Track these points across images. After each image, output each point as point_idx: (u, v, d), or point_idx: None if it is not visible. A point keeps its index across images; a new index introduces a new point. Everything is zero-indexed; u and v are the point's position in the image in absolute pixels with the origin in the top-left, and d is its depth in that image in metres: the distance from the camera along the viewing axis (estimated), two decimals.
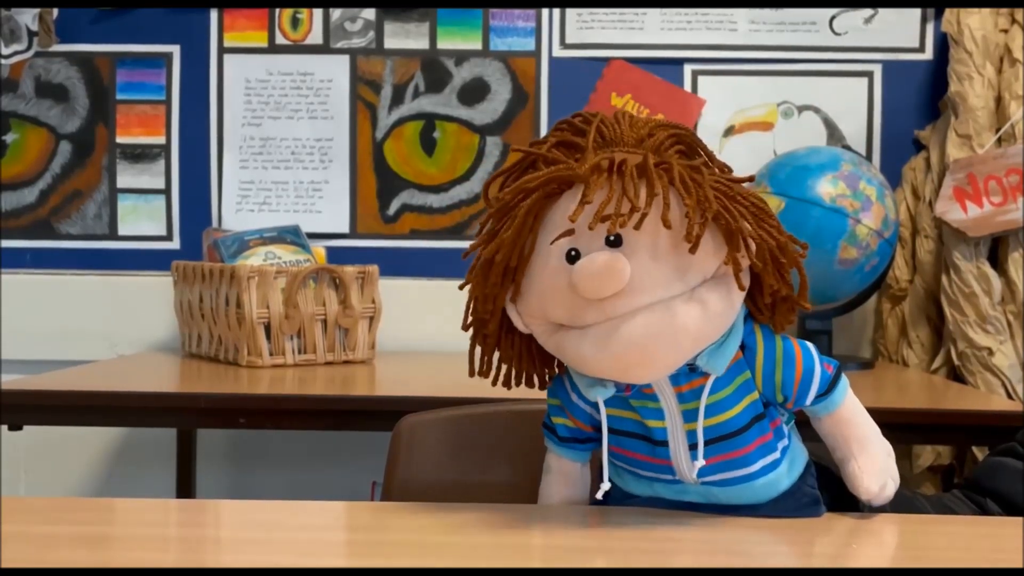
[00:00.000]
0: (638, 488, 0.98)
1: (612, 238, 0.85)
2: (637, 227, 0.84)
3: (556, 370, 0.99)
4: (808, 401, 0.94)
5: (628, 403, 0.93)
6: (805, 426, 1.00)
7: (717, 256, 0.87)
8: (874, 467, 0.96)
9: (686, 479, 0.94)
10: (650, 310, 0.85)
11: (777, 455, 0.94)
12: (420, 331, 2.12)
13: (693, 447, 0.92)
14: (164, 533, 0.93)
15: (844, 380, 0.96)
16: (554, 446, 1.02)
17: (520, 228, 0.87)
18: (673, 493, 0.96)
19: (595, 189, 0.85)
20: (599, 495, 0.94)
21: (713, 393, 0.90)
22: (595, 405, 0.95)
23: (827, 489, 0.99)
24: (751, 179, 0.95)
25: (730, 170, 0.93)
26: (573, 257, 0.86)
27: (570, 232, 0.86)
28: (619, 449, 0.96)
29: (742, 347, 0.92)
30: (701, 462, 0.91)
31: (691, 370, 0.90)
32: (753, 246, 0.88)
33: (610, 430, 0.95)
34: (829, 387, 0.95)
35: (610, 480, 1.00)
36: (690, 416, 0.91)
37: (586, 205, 0.85)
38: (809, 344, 0.95)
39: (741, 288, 0.88)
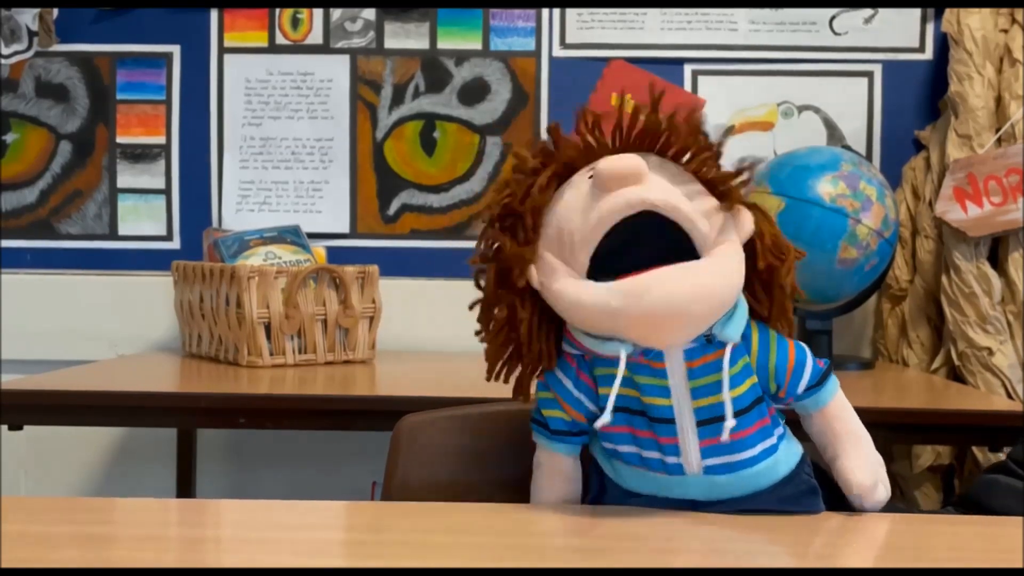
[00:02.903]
0: (638, 485, 0.98)
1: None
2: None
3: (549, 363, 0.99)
4: (800, 390, 0.96)
5: (632, 380, 0.94)
6: (795, 427, 1.01)
7: (720, 211, 0.92)
8: (865, 464, 0.97)
9: (690, 464, 0.94)
10: (674, 271, 0.86)
11: (774, 440, 0.96)
12: (420, 331, 2.13)
13: (700, 424, 0.93)
14: (164, 533, 0.93)
15: (834, 378, 0.99)
16: (545, 440, 1.02)
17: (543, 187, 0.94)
18: (674, 486, 0.96)
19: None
20: (597, 425, 0.93)
21: (719, 371, 0.92)
22: (591, 394, 0.96)
23: (823, 487, 0.99)
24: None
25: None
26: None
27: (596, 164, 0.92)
28: (624, 428, 0.96)
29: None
30: (732, 422, 0.91)
31: (708, 341, 0.92)
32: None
33: (613, 408, 0.95)
34: (820, 380, 0.97)
35: (609, 478, 1.00)
36: (697, 393, 0.92)
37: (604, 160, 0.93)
38: (801, 343, 0.98)
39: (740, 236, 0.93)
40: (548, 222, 0.93)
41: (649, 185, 0.88)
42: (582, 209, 0.90)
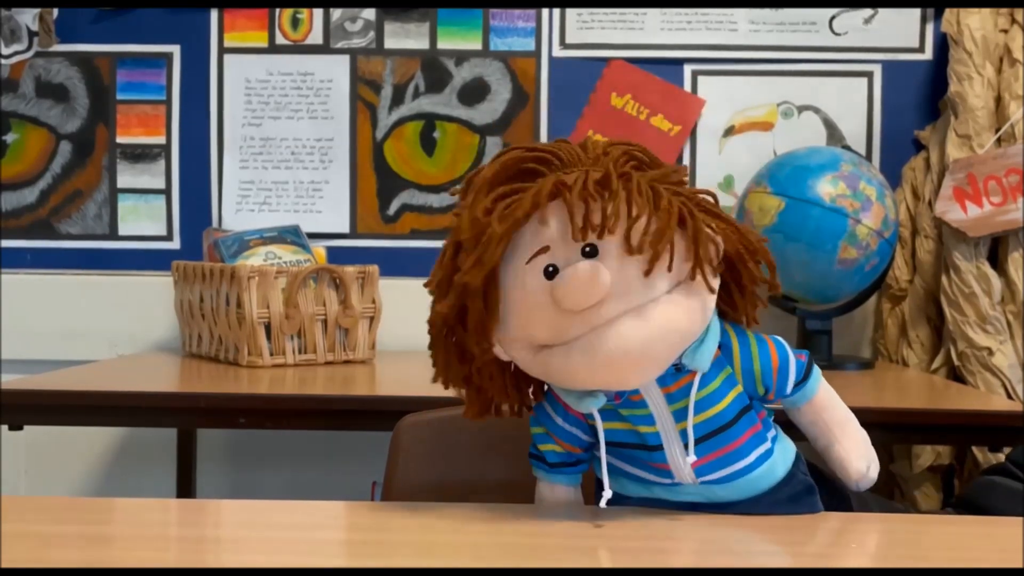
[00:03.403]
0: (636, 491, 0.98)
1: (587, 249, 0.87)
2: (611, 231, 0.85)
3: (531, 397, 1.00)
4: (788, 389, 0.96)
5: (619, 414, 0.94)
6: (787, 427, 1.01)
7: (688, 257, 0.88)
8: (858, 448, 0.99)
9: (685, 481, 0.94)
10: (632, 314, 0.86)
11: (769, 444, 0.96)
12: (420, 331, 2.09)
13: (687, 446, 0.93)
14: (164, 533, 0.93)
15: (817, 368, 1.00)
16: (545, 474, 1.01)
17: (495, 251, 0.87)
18: (673, 495, 0.96)
19: (575, 200, 0.86)
20: (602, 503, 0.94)
21: (700, 389, 0.92)
22: (582, 425, 0.96)
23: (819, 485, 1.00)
24: (711, 193, 0.95)
25: (685, 179, 0.93)
26: (551, 273, 0.87)
27: (545, 249, 0.87)
28: (616, 460, 0.97)
29: (719, 346, 0.94)
30: (692, 457, 0.92)
31: (677, 370, 0.92)
32: (720, 243, 0.90)
33: (606, 443, 0.95)
34: (804, 375, 0.98)
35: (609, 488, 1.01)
36: (680, 416, 0.92)
37: (555, 221, 0.87)
38: (778, 337, 0.98)
39: (711, 291, 0.89)
40: (507, 313, 0.90)
41: (611, 296, 0.85)
42: (543, 321, 0.87)
